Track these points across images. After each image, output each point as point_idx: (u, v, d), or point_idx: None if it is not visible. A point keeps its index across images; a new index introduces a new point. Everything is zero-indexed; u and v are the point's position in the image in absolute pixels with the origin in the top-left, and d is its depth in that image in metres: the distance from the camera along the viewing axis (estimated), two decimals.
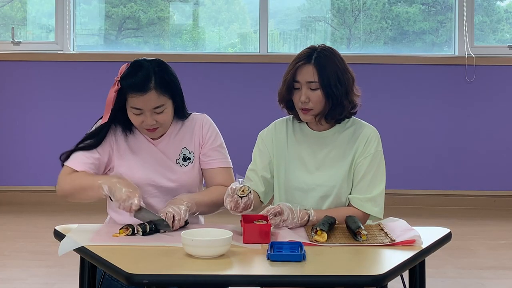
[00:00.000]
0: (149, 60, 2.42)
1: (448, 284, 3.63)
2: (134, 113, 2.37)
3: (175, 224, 2.20)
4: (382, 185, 2.42)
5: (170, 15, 5.92)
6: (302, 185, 2.43)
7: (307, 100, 2.37)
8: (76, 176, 2.36)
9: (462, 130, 5.58)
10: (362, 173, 2.40)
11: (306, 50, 2.43)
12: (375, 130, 2.47)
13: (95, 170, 2.41)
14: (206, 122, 2.53)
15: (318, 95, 2.38)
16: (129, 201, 2.21)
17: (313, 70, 2.38)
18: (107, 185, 2.24)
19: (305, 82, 2.38)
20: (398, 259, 1.92)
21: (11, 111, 5.60)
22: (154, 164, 2.44)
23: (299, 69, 2.39)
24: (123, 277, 1.79)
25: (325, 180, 2.41)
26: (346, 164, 2.42)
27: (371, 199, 2.39)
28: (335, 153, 2.44)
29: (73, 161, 2.40)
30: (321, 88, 2.37)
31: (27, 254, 4.09)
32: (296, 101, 2.41)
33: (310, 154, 2.45)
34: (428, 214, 5.22)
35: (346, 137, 2.45)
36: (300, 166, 2.45)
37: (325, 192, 2.41)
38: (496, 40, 5.87)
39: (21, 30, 5.85)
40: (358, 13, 5.86)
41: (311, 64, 2.38)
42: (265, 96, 5.55)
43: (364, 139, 2.43)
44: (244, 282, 1.80)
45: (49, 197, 5.44)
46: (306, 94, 2.37)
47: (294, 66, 2.40)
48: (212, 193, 2.44)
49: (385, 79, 5.52)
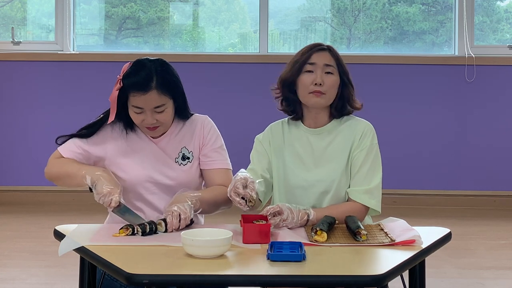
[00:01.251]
0: (152, 59, 2.43)
1: (448, 284, 3.63)
2: (135, 111, 2.38)
3: (181, 223, 2.20)
4: (379, 178, 2.43)
5: (170, 15, 5.93)
6: (302, 183, 2.43)
7: (322, 82, 2.38)
8: (64, 161, 2.42)
9: (462, 130, 5.59)
10: (359, 165, 2.42)
11: (316, 43, 2.47)
12: (369, 124, 2.49)
13: (82, 161, 2.46)
14: (208, 124, 2.54)
15: (333, 80, 2.40)
16: (109, 197, 2.24)
17: (330, 56, 2.43)
18: (90, 176, 2.28)
19: (322, 65, 2.40)
20: (398, 259, 1.92)
21: (11, 111, 5.60)
22: (153, 161, 2.46)
23: (316, 53, 2.42)
24: (123, 277, 1.79)
25: (324, 175, 2.43)
26: (343, 159, 2.43)
27: (368, 191, 2.40)
28: (332, 148, 2.45)
29: (64, 147, 2.47)
30: (338, 74, 2.41)
31: (27, 254, 4.09)
32: (307, 83, 2.40)
33: (308, 152, 2.46)
34: (428, 214, 5.22)
35: (342, 132, 2.47)
36: (298, 164, 2.46)
37: (325, 188, 2.42)
38: (496, 40, 5.87)
39: (21, 30, 5.86)
40: (358, 13, 5.86)
41: (327, 51, 2.43)
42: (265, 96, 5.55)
43: (359, 133, 2.45)
44: (244, 282, 1.80)
45: (49, 197, 5.44)
46: (321, 76, 2.39)
47: (308, 51, 2.42)
48: (213, 190, 2.44)
49: (385, 79, 5.52)
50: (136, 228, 2.15)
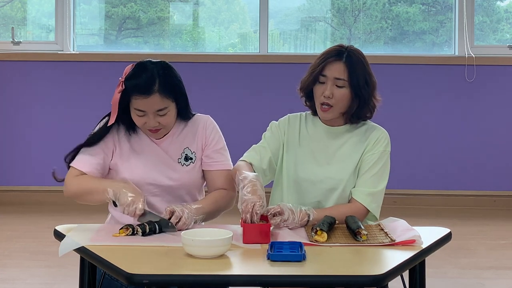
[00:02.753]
0: (154, 62, 2.42)
1: (448, 284, 3.63)
2: (137, 114, 2.38)
3: (179, 225, 2.21)
4: (384, 184, 2.45)
5: (170, 15, 5.93)
6: (310, 177, 2.45)
7: (331, 95, 2.40)
8: (83, 179, 2.38)
9: (462, 130, 5.59)
10: (368, 167, 2.44)
11: (336, 47, 2.47)
12: (386, 132, 2.52)
13: (101, 171, 2.43)
14: (210, 124, 2.54)
15: (342, 94, 2.41)
16: (133, 206, 2.22)
17: (343, 67, 2.41)
18: (112, 190, 2.26)
19: (332, 78, 2.41)
20: (398, 259, 1.92)
21: (11, 111, 5.60)
22: (156, 162, 2.45)
23: (329, 64, 2.42)
24: (123, 277, 1.79)
25: (334, 173, 2.45)
26: (354, 160, 2.46)
27: (371, 194, 2.41)
28: (345, 148, 2.48)
29: (79, 162, 2.42)
30: (349, 87, 2.41)
31: (27, 254, 4.09)
32: (318, 94, 2.43)
33: (322, 148, 2.49)
34: (428, 214, 5.22)
35: (358, 135, 2.49)
36: (311, 159, 2.48)
37: (333, 185, 2.43)
38: (496, 40, 5.87)
39: (21, 30, 5.85)
40: (358, 13, 5.86)
41: (341, 62, 2.42)
42: (265, 96, 5.56)
43: (374, 138, 2.48)
44: (244, 282, 1.80)
45: (50, 197, 5.44)
46: (331, 89, 2.40)
47: (324, 60, 2.43)
48: (216, 201, 2.44)
49: (385, 79, 5.50)
50: (136, 228, 2.16)
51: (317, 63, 2.44)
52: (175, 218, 2.21)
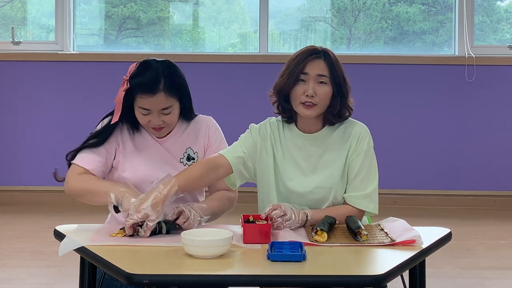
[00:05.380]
0: (159, 61, 2.42)
1: (448, 284, 3.63)
2: (141, 112, 2.38)
3: (185, 225, 2.20)
4: (376, 181, 2.42)
5: (170, 15, 5.93)
6: (298, 189, 2.39)
7: (314, 94, 2.34)
8: (86, 178, 2.38)
9: (462, 130, 5.59)
10: (356, 170, 2.39)
11: (310, 47, 2.41)
12: (365, 127, 2.46)
13: (103, 168, 2.43)
14: (212, 125, 2.55)
15: (325, 91, 2.35)
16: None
17: (324, 64, 2.37)
18: (114, 194, 2.26)
19: (315, 75, 2.35)
20: (398, 259, 1.92)
21: (11, 111, 5.60)
22: (158, 161, 2.46)
23: (310, 62, 2.36)
24: (123, 277, 1.79)
25: (321, 182, 2.39)
26: (340, 164, 2.41)
27: (367, 196, 2.38)
28: (328, 154, 2.42)
29: (81, 159, 2.41)
30: (331, 84, 2.36)
31: (27, 254, 4.09)
32: (299, 94, 2.35)
33: (304, 157, 2.42)
34: (428, 214, 5.22)
35: (337, 137, 2.43)
36: (295, 170, 2.41)
37: (323, 195, 2.39)
38: (496, 40, 5.87)
39: (21, 30, 5.86)
40: (358, 13, 5.86)
41: (321, 59, 2.37)
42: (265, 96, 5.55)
43: (356, 137, 2.42)
44: (244, 282, 1.80)
45: (49, 197, 5.44)
46: (313, 87, 2.34)
47: (304, 59, 2.37)
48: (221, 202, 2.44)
49: (385, 79, 5.52)
50: (137, 229, 2.15)
51: (296, 63, 2.37)
52: (183, 218, 2.21)
